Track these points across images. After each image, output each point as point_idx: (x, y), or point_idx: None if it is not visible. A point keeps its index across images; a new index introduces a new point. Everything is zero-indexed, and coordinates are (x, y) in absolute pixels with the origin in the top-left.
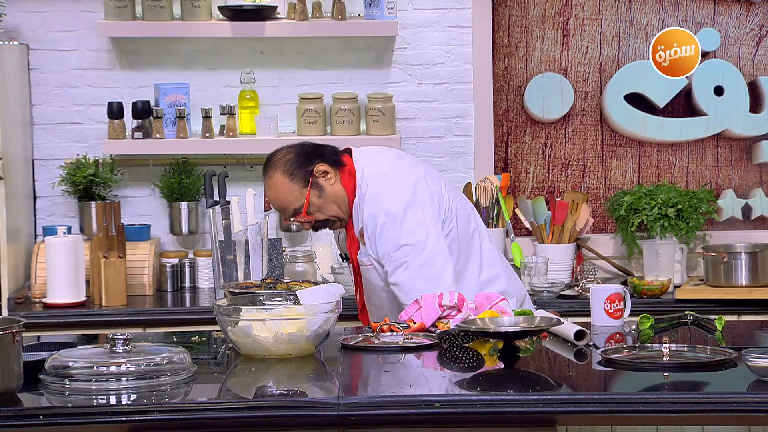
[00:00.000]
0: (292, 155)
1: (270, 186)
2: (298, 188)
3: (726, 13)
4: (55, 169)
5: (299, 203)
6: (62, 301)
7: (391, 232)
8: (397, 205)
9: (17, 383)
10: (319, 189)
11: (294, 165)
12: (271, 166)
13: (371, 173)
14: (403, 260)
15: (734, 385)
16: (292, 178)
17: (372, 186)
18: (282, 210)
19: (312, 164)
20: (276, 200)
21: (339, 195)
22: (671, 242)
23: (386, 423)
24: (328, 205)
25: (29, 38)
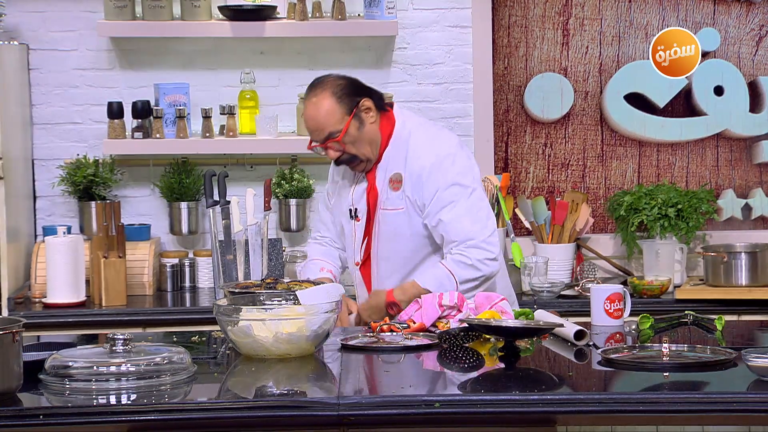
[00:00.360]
0: (344, 81)
1: (313, 104)
2: (341, 113)
3: (726, 13)
4: (55, 169)
5: (337, 128)
6: (62, 301)
7: (440, 173)
8: (447, 148)
9: (17, 383)
10: (360, 122)
11: (343, 90)
12: (319, 86)
13: (414, 124)
14: (450, 199)
15: (734, 385)
16: (339, 101)
17: (417, 133)
18: (317, 130)
19: (360, 96)
20: (315, 119)
21: (375, 136)
22: (671, 242)
23: (386, 423)
24: (363, 142)
25: (29, 38)
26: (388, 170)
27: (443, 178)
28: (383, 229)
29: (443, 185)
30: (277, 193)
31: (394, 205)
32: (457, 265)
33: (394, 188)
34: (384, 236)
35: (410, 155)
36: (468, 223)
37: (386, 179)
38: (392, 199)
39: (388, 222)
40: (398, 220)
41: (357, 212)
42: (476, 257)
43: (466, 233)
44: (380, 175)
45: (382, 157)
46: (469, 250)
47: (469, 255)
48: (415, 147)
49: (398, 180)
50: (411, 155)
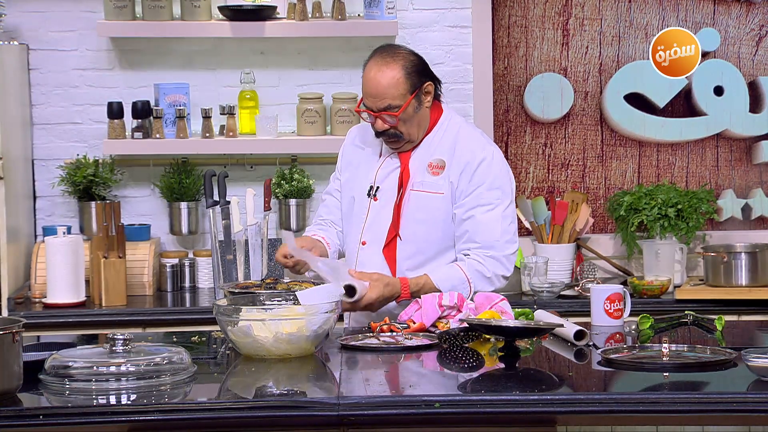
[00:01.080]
0: (416, 58)
1: (381, 71)
2: (405, 89)
3: (726, 13)
4: (55, 169)
5: (398, 102)
6: (62, 301)
7: (489, 171)
8: (495, 152)
9: (17, 383)
10: (419, 103)
11: (414, 67)
12: (393, 56)
13: (461, 120)
14: (490, 201)
15: (734, 385)
16: (407, 77)
17: (467, 128)
18: (376, 97)
19: (426, 78)
20: (379, 87)
21: (425, 120)
22: (671, 242)
23: (386, 423)
24: (414, 123)
25: (29, 38)
26: (429, 155)
27: (491, 177)
28: (413, 210)
29: (488, 184)
30: (277, 194)
31: (433, 188)
32: (475, 275)
33: (434, 173)
34: (412, 218)
35: (461, 145)
36: (498, 232)
37: (424, 163)
38: (430, 182)
39: (421, 204)
40: (434, 204)
41: (377, 191)
42: (494, 271)
43: (492, 240)
44: (418, 157)
45: (422, 142)
46: (488, 260)
47: (489, 266)
48: (468, 139)
49: (440, 166)
50: (462, 145)
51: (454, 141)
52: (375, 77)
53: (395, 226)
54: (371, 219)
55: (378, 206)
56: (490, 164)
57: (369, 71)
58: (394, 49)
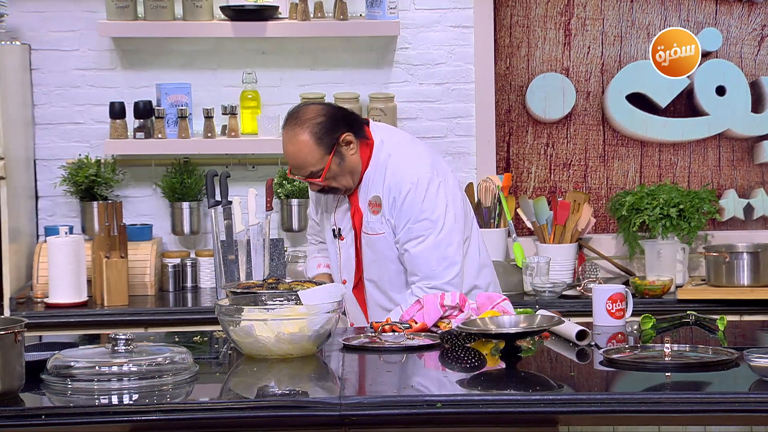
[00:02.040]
0: (323, 119)
1: (293, 143)
2: (322, 153)
3: (728, 13)
4: (56, 169)
5: (318, 167)
6: (64, 301)
7: (414, 202)
8: (422, 176)
9: (19, 383)
10: (341, 158)
11: (323, 130)
12: (299, 124)
13: (392, 144)
14: (420, 234)
15: (736, 385)
16: (319, 142)
17: (395, 155)
18: (297, 168)
19: (339, 132)
20: (295, 158)
21: (356, 166)
22: (673, 242)
23: (388, 423)
24: (344, 175)
25: (31, 38)
26: (368, 192)
27: (415, 210)
28: (368, 252)
29: (414, 218)
30: (279, 193)
31: (375, 230)
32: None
33: (374, 212)
34: (370, 259)
35: (388, 179)
36: (434, 261)
37: (366, 203)
38: (373, 223)
39: (371, 246)
40: (381, 244)
41: (341, 231)
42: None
43: (429, 271)
44: (362, 197)
45: (363, 179)
46: (431, 291)
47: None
48: (393, 171)
49: (377, 203)
50: (389, 179)
51: (383, 175)
52: (288, 150)
53: (359, 269)
54: (343, 259)
55: (345, 246)
56: (415, 193)
57: (283, 143)
58: (298, 115)
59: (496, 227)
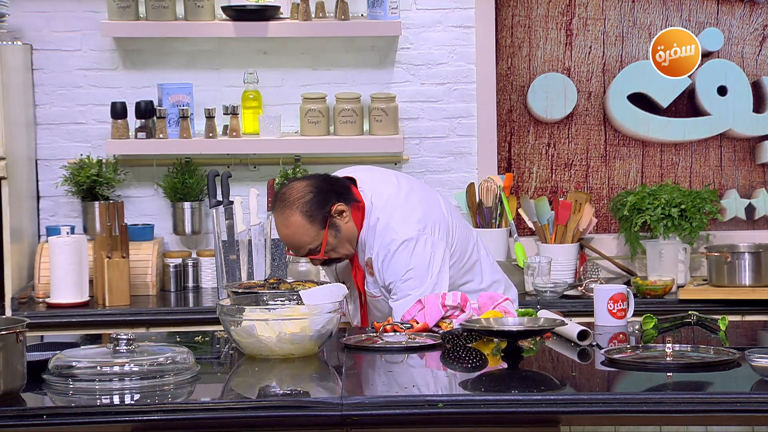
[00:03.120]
0: (311, 195)
1: (286, 225)
2: (316, 230)
3: (729, 13)
4: (58, 169)
5: (316, 244)
6: (65, 301)
7: (399, 262)
8: (406, 234)
9: (21, 383)
10: (336, 229)
11: (313, 206)
12: (287, 206)
13: (380, 203)
14: (407, 293)
15: (738, 386)
16: (311, 220)
17: (382, 217)
18: (295, 249)
19: (329, 204)
20: (291, 239)
21: (352, 233)
22: (674, 242)
23: (389, 423)
24: (343, 244)
25: (33, 38)
26: (364, 254)
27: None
28: (373, 310)
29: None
30: None
31: (371, 293)
32: None
33: (370, 273)
34: (375, 315)
35: (377, 242)
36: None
37: (364, 262)
38: (370, 283)
39: (373, 305)
40: (380, 305)
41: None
42: None
43: None
44: (360, 257)
45: (358, 242)
46: None
47: None
48: (381, 235)
49: (370, 265)
50: (378, 244)
51: (373, 238)
52: (282, 233)
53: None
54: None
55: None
56: (394, 255)
57: (276, 225)
58: (287, 197)
59: (498, 227)
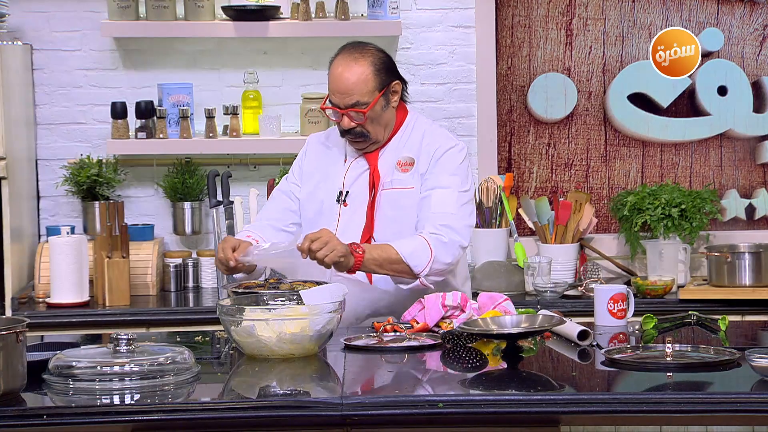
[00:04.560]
0: (384, 56)
1: (351, 68)
2: (374, 86)
3: (730, 13)
4: (58, 169)
5: (366, 99)
6: (66, 300)
7: (451, 159)
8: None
9: (21, 383)
10: (386, 101)
11: (383, 65)
12: (361, 52)
13: (428, 121)
14: (449, 185)
15: (738, 386)
16: (376, 73)
17: (434, 126)
18: (344, 93)
19: (394, 76)
20: (347, 83)
21: (391, 120)
22: (675, 242)
23: (389, 423)
24: (380, 122)
25: (33, 38)
26: (397, 154)
27: (453, 165)
28: (386, 209)
29: (450, 171)
30: None
31: (404, 184)
32: (433, 239)
33: (404, 170)
34: (385, 217)
35: (427, 140)
36: (452, 206)
37: (393, 162)
38: (400, 179)
39: (392, 202)
40: (406, 200)
41: (347, 196)
42: (451, 237)
43: (446, 211)
44: (386, 157)
45: (389, 142)
46: (443, 228)
47: (444, 233)
48: (435, 134)
49: (409, 163)
50: (429, 140)
51: (421, 138)
52: (343, 73)
53: (369, 229)
54: (343, 225)
55: (349, 211)
56: (455, 154)
57: (337, 67)
58: (362, 45)
59: (498, 227)
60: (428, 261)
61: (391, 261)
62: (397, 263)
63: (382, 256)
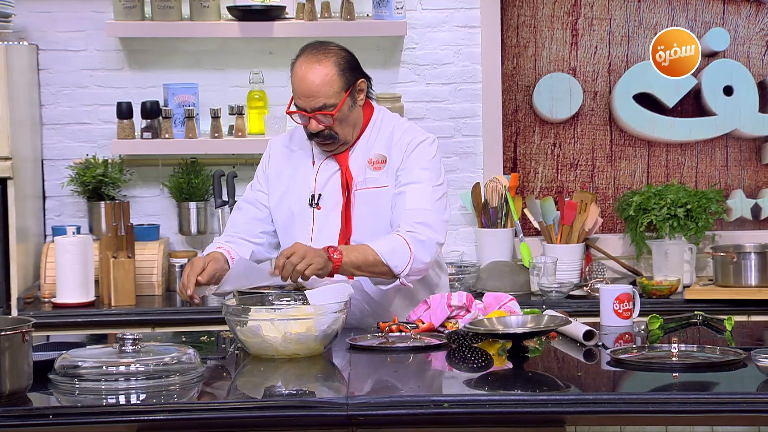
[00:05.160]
0: (347, 55)
1: (314, 69)
2: (339, 87)
3: (735, 13)
4: (64, 169)
5: (333, 101)
6: (71, 300)
7: (422, 153)
8: (433, 140)
9: (27, 383)
10: (353, 101)
11: (347, 65)
12: (324, 52)
13: (395, 115)
14: (420, 180)
15: (743, 386)
16: (341, 74)
17: (401, 120)
18: (310, 97)
19: (359, 74)
20: (311, 86)
21: (359, 119)
22: (680, 242)
23: (395, 423)
24: (349, 122)
25: (38, 38)
26: (367, 152)
27: (425, 159)
28: (361, 210)
29: (421, 165)
30: None
31: (378, 183)
32: (410, 238)
33: (376, 168)
34: (362, 218)
35: (397, 135)
36: (427, 202)
37: (364, 161)
38: (373, 178)
39: (367, 202)
40: (381, 200)
41: (320, 199)
42: (427, 234)
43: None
44: (357, 156)
45: (358, 141)
46: (419, 226)
47: (421, 231)
48: (404, 129)
49: (381, 160)
50: (399, 135)
51: (390, 133)
52: (308, 76)
53: (345, 231)
54: (318, 229)
55: (322, 215)
56: (427, 148)
57: (300, 70)
58: (324, 45)
59: (503, 227)
60: (408, 261)
61: (370, 263)
62: (377, 265)
63: (360, 258)
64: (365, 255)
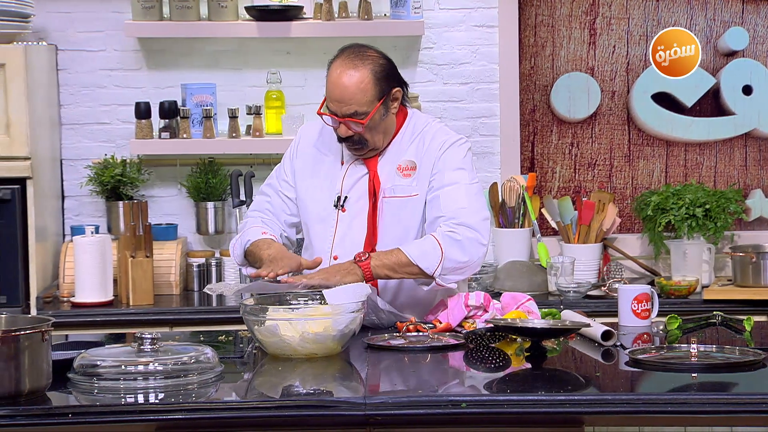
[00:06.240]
0: (385, 62)
1: (349, 75)
2: (373, 95)
3: (755, 12)
4: (82, 169)
5: (365, 109)
6: (90, 300)
7: (453, 155)
8: (463, 141)
9: (46, 382)
10: (386, 110)
11: (383, 73)
12: (361, 58)
13: (427, 118)
14: (455, 181)
15: (763, 386)
16: (375, 83)
17: (432, 124)
18: (343, 102)
19: (394, 83)
20: (345, 91)
21: (391, 127)
22: (699, 242)
23: (412, 423)
24: (380, 130)
25: (57, 39)
26: (398, 158)
27: (456, 160)
28: (389, 219)
29: (452, 166)
30: None
31: (407, 192)
32: (444, 238)
33: (405, 175)
34: (389, 227)
35: (427, 139)
36: (463, 201)
37: (394, 167)
38: (402, 186)
39: (396, 211)
40: (410, 208)
41: (345, 202)
42: (465, 235)
43: (457, 208)
44: (386, 162)
45: (389, 146)
46: (458, 227)
47: (459, 231)
48: (434, 132)
49: (411, 167)
50: (428, 138)
51: (421, 139)
52: (341, 81)
53: (371, 240)
54: (342, 232)
55: (347, 217)
56: (457, 148)
57: (334, 73)
58: (362, 50)
59: (521, 227)
60: (439, 260)
61: (402, 264)
62: (408, 266)
63: (392, 260)
64: (397, 257)
